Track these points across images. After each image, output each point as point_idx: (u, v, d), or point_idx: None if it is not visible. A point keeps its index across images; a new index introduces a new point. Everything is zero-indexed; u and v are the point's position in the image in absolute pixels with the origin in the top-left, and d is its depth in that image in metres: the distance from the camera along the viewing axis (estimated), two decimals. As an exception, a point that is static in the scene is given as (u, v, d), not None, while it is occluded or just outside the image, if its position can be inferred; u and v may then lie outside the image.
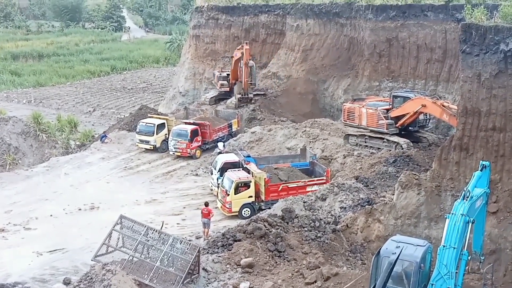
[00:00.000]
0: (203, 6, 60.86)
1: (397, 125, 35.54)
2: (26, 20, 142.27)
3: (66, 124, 52.04)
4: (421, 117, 36.19)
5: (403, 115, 35.10)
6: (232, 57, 50.55)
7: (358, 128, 37.13)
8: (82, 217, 31.95)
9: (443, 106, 32.46)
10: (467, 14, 26.39)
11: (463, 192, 17.09)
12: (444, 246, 16.38)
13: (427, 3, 43.22)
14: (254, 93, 50.03)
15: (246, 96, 48.83)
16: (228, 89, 51.00)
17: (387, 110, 36.17)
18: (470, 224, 16.70)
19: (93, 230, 28.83)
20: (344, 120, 38.45)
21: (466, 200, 16.81)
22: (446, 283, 16.12)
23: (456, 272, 16.41)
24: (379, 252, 17.68)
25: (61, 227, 30.53)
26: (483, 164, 18.59)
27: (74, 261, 26.21)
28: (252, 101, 48.83)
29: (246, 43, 48.69)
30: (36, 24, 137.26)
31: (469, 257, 18.00)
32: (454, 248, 16.25)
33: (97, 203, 33.75)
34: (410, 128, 36.24)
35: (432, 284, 16.38)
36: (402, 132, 36.08)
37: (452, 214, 16.59)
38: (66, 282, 23.55)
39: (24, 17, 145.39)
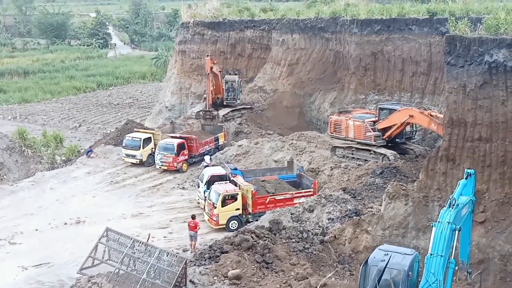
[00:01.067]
0: (189, 22, 61.08)
1: (384, 137, 35.65)
2: (12, 37, 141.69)
3: (51, 140, 51.66)
4: (408, 129, 36.33)
5: (390, 127, 35.23)
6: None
7: (345, 140, 37.22)
8: (67, 232, 31.57)
9: (430, 115, 32.61)
10: (451, 26, 26.70)
11: (449, 200, 17.14)
12: (431, 254, 16.36)
13: (412, 17, 43.77)
14: (240, 107, 50.13)
15: (208, 110, 48.34)
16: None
17: (374, 122, 36.31)
18: (457, 232, 16.71)
19: (79, 244, 28.45)
20: (330, 133, 38.53)
21: (452, 208, 16.85)
22: None
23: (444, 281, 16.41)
24: (366, 261, 17.64)
25: (47, 242, 30.13)
26: (468, 172, 18.65)
27: (59, 275, 25.86)
28: (217, 117, 47.65)
29: (208, 55, 48.63)
30: (21, 41, 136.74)
31: (457, 267, 18.00)
32: (441, 256, 16.23)
33: (83, 217, 33.39)
34: (397, 140, 36.38)
35: None
36: (389, 144, 36.21)
37: (439, 222, 16.60)
38: (51, 296, 23.19)
39: (10, 34, 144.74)
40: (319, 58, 50.67)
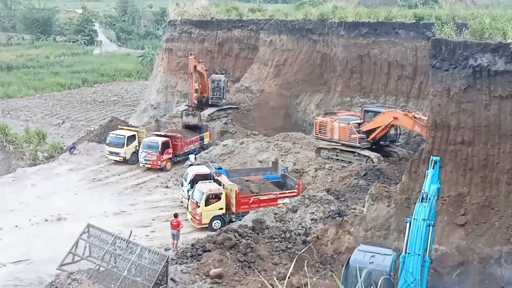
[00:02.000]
0: (177, 20, 60.85)
1: (368, 139, 35.78)
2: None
3: (34, 136, 51.16)
4: (392, 131, 36.53)
5: (375, 129, 35.37)
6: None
7: (330, 142, 37.29)
8: (48, 228, 31.23)
9: (414, 118, 32.79)
10: (437, 30, 26.90)
11: (421, 193, 17.18)
12: (408, 253, 16.32)
13: (398, 21, 43.99)
14: (226, 106, 50.03)
15: (190, 106, 47.79)
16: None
17: (359, 124, 36.43)
18: (431, 228, 16.77)
19: (60, 241, 28.03)
20: (315, 134, 38.58)
21: (425, 202, 16.89)
22: None
23: None
24: (348, 262, 17.62)
25: (27, 238, 29.76)
26: (434, 160, 18.80)
27: (39, 272, 25.53)
28: (199, 116, 46.46)
29: (191, 54, 48.41)
30: (5, 36, 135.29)
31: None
32: (419, 255, 16.22)
33: (64, 214, 33.07)
34: (381, 142, 36.55)
35: None
36: (373, 147, 36.36)
37: (414, 219, 16.58)
38: (30, 293, 22.90)
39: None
40: (306, 60, 50.74)
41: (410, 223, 16.75)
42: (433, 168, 18.56)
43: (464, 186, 24.56)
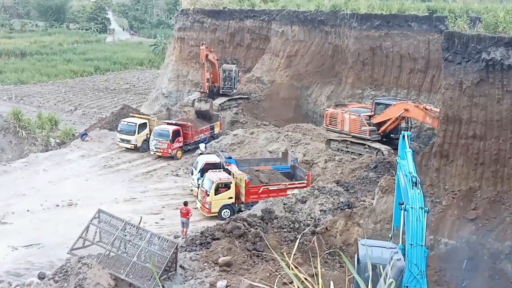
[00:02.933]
0: (189, 9, 60.87)
1: (379, 131, 35.68)
2: (10, 18, 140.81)
3: (46, 122, 51.50)
4: (403, 125, 36.34)
5: (385, 121, 35.26)
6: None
7: (340, 133, 37.26)
8: (59, 213, 31.52)
9: (425, 109, 32.59)
10: (450, 23, 26.72)
11: (410, 177, 16.99)
12: (411, 244, 16.11)
13: (411, 14, 43.74)
14: (237, 96, 50.07)
15: (203, 92, 47.63)
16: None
17: (370, 116, 36.34)
18: (426, 214, 16.62)
19: (70, 226, 28.35)
20: (326, 125, 38.55)
21: (417, 187, 16.77)
22: (420, 283, 15.75)
23: None
24: (358, 260, 17.18)
25: (38, 223, 30.08)
26: (404, 134, 19.41)
27: (49, 256, 25.82)
28: (211, 104, 46.83)
29: (202, 44, 48.42)
30: (20, 23, 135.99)
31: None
32: (422, 245, 16.00)
33: (75, 200, 33.34)
34: (391, 135, 36.42)
35: (407, 286, 16.06)
36: (384, 139, 36.28)
37: (411, 207, 16.23)
38: (41, 276, 23.13)
39: (8, 15, 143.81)
40: (317, 51, 50.59)
41: (405, 211, 16.48)
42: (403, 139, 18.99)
43: (475, 180, 24.45)
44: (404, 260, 17.03)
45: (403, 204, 17.03)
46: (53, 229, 29.15)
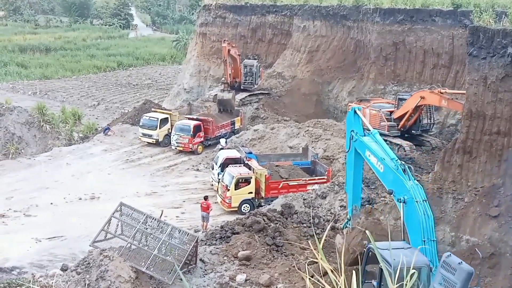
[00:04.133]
0: (211, 4, 61.00)
1: (399, 126, 35.33)
2: (35, 14, 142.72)
3: (70, 116, 52.09)
4: (425, 121, 35.93)
5: (404, 115, 34.87)
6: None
7: (362, 129, 37.03)
8: (82, 207, 31.95)
9: (440, 93, 32.17)
10: (475, 17, 26.37)
11: (398, 165, 16.81)
12: (424, 241, 15.66)
13: (435, 8, 43.18)
14: (258, 92, 50.07)
15: (227, 83, 47.72)
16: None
17: (391, 112, 35.99)
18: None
19: (93, 219, 28.68)
20: None
21: (409, 176, 16.47)
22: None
23: None
24: (388, 263, 16.38)
25: (61, 215, 30.54)
26: (355, 109, 19.51)
27: (72, 249, 26.21)
28: (230, 92, 47.06)
29: (224, 40, 48.44)
30: (44, 18, 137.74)
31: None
32: (434, 241, 15.73)
33: (98, 193, 33.76)
34: (413, 131, 36.05)
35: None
36: (406, 135, 35.92)
37: (416, 201, 15.93)
38: (64, 268, 23.47)
39: (33, 11, 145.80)
40: (339, 46, 50.30)
41: (403, 204, 16.09)
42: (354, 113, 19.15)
43: (498, 177, 24.07)
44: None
45: (392, 194, 16.92)
46: (76, 222, 29.56)
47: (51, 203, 32.17)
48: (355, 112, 19.66)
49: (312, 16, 52.45)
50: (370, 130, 19.68)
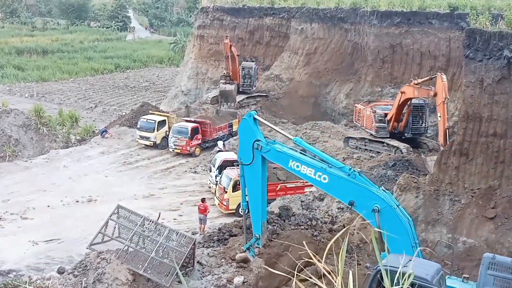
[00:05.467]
0: (209, 7, 61.07)
1: (389, 128, 35.60)
2: (32, 16, 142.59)
3: (67, 119, 52.01)
4: (419, 123, 35.94)
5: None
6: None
7: (361, 129, 37.43)
8: (79, 209, 31.92)
9: (416, 84, 32.43)
10: (472, 19, 26.42)
11: (354, 172, 15.94)
12: (416, 243, 15.48)
13: (432, 11, 43.32)
14: (256, 94, 50.14)
15: (228, 76, 48.56)
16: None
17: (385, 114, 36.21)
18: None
19: (90, 222, 28.75)
20: (354, 121, 38.98)
21: (370, 182, 15.82)
22: None
23: None
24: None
25: (58, 218, 30.51)
26: (252, 114, 18.01)
27: (69, 251, 26.19)
28: (232, 84, 48.01)
29: (226, 37, 48.63)
30: (42, 21, 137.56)
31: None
32: (416, 243, 15.48)
33: (95, 196, 33.74)
34: (405, 134, 35.96)
35: None
36: (402, 137, 36.01)
37: (395, 208, 15.34)
38: (61, 271, 23.41)
39: (30, 13, 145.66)
40: (337, 49, 50.41)
41: (378, 213, 15.12)
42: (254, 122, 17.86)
43: (495, 179, 24.15)
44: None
45: (353, 205, 15.69)
46: (73, 224, 29.55)
47: (48, 206, 32.15)
48: (254, 118, 18.15)
49: (309, 19, 52.58)
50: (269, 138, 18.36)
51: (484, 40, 24.53)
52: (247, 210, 19.86)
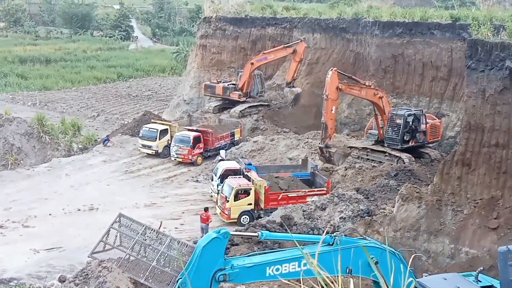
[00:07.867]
0: (211, 17, 61.26)
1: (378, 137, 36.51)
2: (36, 26, 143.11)
3: (69, 127, 52.11)
4: (420, 135, 36.06)
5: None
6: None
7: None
8: (80, 218, 31.91)
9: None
10: (473, 30, 26.51)
11: (334, 238, 14.10)
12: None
13: (434, 22, 43.38)
14: (257, 103, 50.29)
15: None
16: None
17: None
18: None
19: (91, 231, 28.71)
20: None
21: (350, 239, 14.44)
22: None
23: None
24: None
25: (60, 227, 30.50)
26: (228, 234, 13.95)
27: (70, 260, 26.16)
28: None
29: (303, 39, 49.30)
30: (45, 30, 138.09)
31: None
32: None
33: (97, 204, 33.73)
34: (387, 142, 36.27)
35: None
36: (403, 147, 36.03)
37: (391, 251, 14.12)
38: (62, 279, 23.43)
39: (34, 23, 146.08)
40: (339, 59, 50.49)
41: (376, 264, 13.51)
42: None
43: (497, 189, 24.14)
44: None
45: (332, 244, 13.73)
46: (74, 233, 29.53)
47: (50, 214, 32.15)
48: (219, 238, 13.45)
49: (311, 29, 52.73)
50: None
51: (486, 51, 24.61)
52: None
